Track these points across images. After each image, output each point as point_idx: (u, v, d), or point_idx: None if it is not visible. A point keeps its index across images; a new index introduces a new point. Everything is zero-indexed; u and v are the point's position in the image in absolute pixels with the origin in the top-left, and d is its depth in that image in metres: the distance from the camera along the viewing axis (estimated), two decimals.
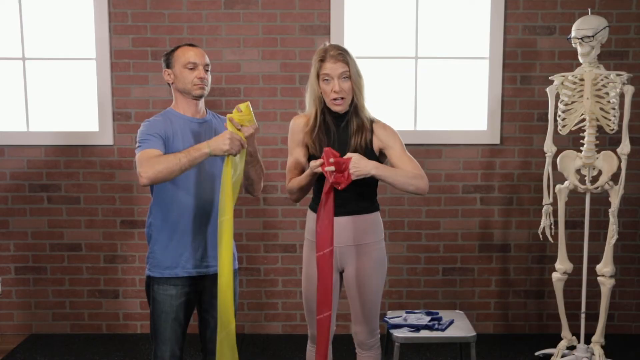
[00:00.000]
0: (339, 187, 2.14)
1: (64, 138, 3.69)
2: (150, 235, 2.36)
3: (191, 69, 2.28)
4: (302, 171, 2.37)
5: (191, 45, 2.35)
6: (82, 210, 3.74)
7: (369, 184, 2.35)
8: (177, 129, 2.29)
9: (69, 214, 3.74)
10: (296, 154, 2.40)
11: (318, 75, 2.29)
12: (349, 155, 2.16)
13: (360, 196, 2.34)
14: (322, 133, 2.34)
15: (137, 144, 2.23)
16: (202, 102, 2.37)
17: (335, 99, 2.27)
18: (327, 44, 2.33)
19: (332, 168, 2.12)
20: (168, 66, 2.33)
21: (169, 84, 2.36)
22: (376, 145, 2.34)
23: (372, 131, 2.34)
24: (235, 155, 2.15)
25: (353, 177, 2.12)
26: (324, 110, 2.34)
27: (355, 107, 2.32)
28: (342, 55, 2.26)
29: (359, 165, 2.13)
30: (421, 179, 2.27)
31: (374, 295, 2.39)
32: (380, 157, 2.36)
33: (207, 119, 2.39)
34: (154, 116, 2.35)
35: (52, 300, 3.80)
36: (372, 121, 2.37)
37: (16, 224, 3.75)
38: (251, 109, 2.21)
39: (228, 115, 2.18)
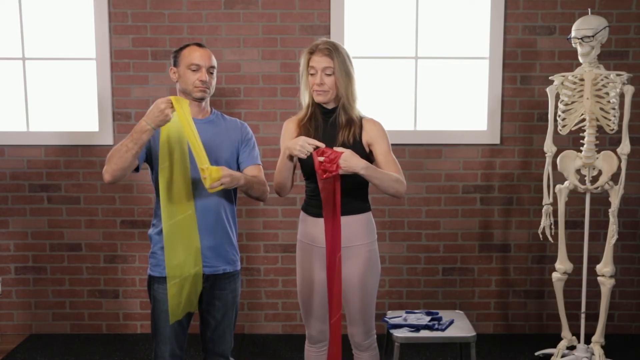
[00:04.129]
0: (323, 176, 2.12)
1: (64, 138, 3.69)
2: (152, 235, 2.36)
3: (194, 70, 2.27)
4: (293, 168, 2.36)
5: (199, 45, 2.33)
6: (82, 210, 3.74)
7: (360, 184, 2.35)
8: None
9: (69, 214, 3.74)
10: None
11: (308, 67, 2.32)
12: (340, 149, 2.13)
13: (351, 197, 2.33)
14: (309, 124, 2.35)
15: None
16: (205, 102, 2.37)
17: (316, 90, 2.30)
18: (323, 39, 2.36)
19: (322, 158, 2.11)
20: (175, 64, 2.32)
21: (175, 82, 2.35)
22: (365, 140, 2.35)
23: (361, 126, 2.35)
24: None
25: (341, 172, 2.11)
26: (314, 103, 2.36)
27: (343, 105, 2.33)
28: (330, 50, 2.28)
29: (349, 162, 2.11)
30: (402, 184, 2.29)
31: (368, 297, 2.39)
32: (370, 154, 2.36)
33: (210, 119, 2.37)
34: None
35: (52, 300, 3.80)
36: (361, 118, 2.38)
37: (16, 224, 3.75)
38: (206, 167, 2.09)
39: (210, 186, 2.10)
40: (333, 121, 2.35)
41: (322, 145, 2.16)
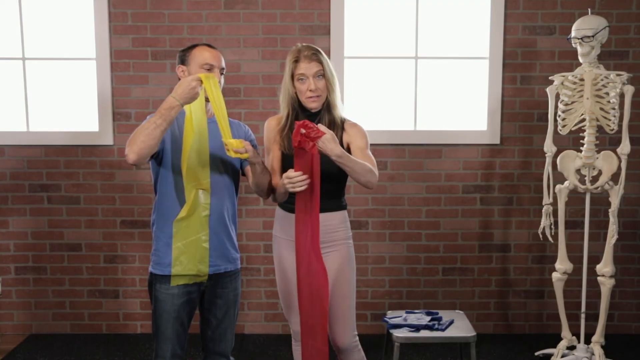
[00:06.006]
0: (297, 145, 2.13)
1: (64, 138, 3.69)
2: (154, 231, 2.36)
3: (208, 69, 2.27)
4: (282, 167, 2.40)
5: (210, 46, 2.34)
6: (82, 210, 3.74)
7: (337, 182, 2.39)
8: (182, 128, 2.27)
9: (69, 214, 3.74)
10: (274, 152, 2.45)
11: (293, 76, 2.34)
12: (323, 129, 2.14)
13: (327, 195, 2.35)
14: (291, 133, 2.35)
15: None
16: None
17: (310, 97, 2.32)
18: (300, 45, 2.37)
19: (304, 131, 2.12)
20: (183, 63, 2.32)
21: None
22: (345, 141, 2.39)
23: (342, 129, 2.39)
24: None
25: (317, 149, 2.12)
26: (297, 109, 2.39)
27: (328, 105, 2.37)
28: (316, 54, 2.33)
29: (327, 146, 2.12)
30: (374, 175, 2.30)
31: (352, 293, 2.42)
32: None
33: (214, 119, 2.37)
34: None
35: (52, 300, 3.80)
36: (343, 120, 2.42)
37: (16, 224, 3.75)
38: (229, 141, 2.19)
39: (231, 151, 2.18)
40: (316, 123, 2.35)
41: (301, 175, 2.15)
